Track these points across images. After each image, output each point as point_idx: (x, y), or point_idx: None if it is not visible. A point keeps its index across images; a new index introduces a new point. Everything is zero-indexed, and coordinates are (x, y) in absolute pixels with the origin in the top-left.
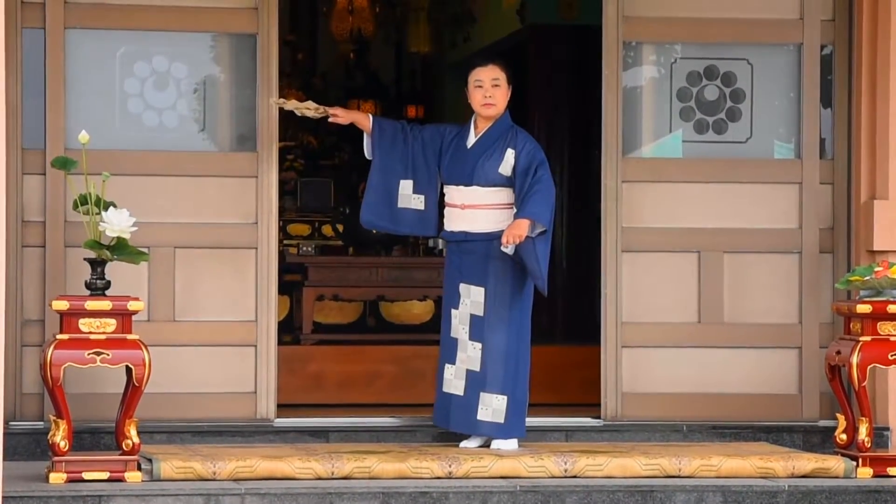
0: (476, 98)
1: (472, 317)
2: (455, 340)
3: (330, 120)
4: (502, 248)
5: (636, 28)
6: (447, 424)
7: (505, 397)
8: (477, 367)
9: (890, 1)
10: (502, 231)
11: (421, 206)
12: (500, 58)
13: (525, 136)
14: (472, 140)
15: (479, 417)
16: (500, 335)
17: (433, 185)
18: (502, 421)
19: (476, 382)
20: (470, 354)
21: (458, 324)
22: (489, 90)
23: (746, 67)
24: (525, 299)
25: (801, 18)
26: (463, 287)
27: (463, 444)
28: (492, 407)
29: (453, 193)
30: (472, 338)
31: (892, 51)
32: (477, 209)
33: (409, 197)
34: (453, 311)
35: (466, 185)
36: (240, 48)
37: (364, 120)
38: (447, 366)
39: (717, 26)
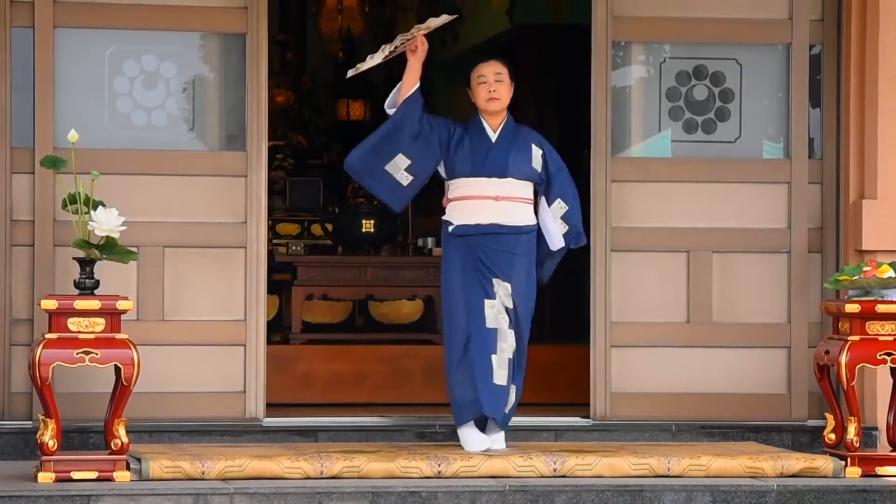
0: (480, 94)
1: (507, 308)
2: (494, 330)
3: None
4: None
5: (625, 28)
6: (497, 414)
7: (515, 388)
8: (513, 356)
9: (878, 0)
10: (528, 226)
11: (404, 183)
12: (500, 55)
13: (540, 136)
14: (493, 134)
15: (506, 409)
16: (523, 329)
17: (426, 173)
18: (509, 411)
19: (511, 373)
20: (510, 343)
21: (497, 314)
22: (493, 84)
23: (735, 67)
24: (534, 297)
25: (790, 18)
26: (496, 281)
27: (486, 445)
28: (512, 398)
29: (483, 186)
30: (510, 327)
31: (881, 50)
32: (510, 201)
33: (398, 169)
34: (488, 301)
35: (500, 177)
36: (229, 47)
37: (415, 81)
38: (493, 357)
39: (707, 26)
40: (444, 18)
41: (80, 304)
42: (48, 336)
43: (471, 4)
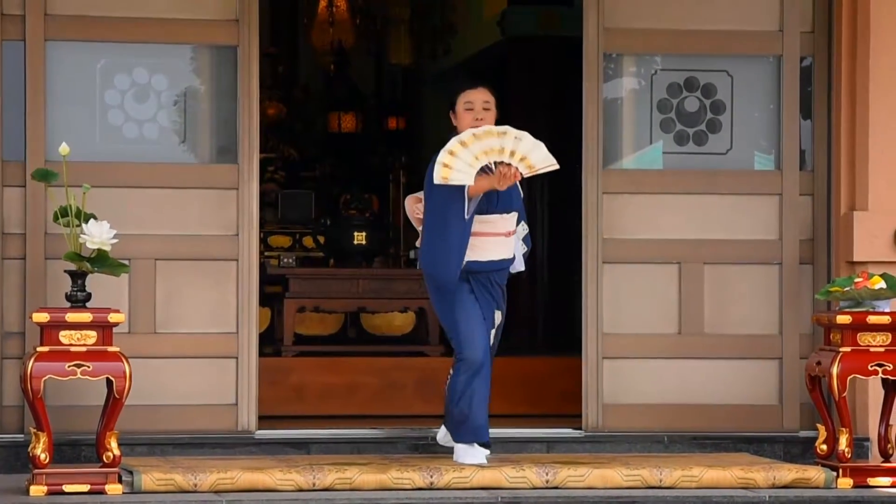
0: (465, 120)
1: (495, 336)
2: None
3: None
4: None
5: (616, 40)
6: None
7: None
8: None
9: (869, 13)
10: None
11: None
12: (487, 81)
13: None
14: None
15: None
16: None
17: None
18: None
19: None
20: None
21: (493, 341)
22: (480, 113)
23: (726, 79)
24: None
25: (781, 30)
26: (497, 312)
27: (483, 460)
28: None
29: (498, 223)
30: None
31: (872, 62)
32: (513, 236)
33: None
34: (492, 331)
35: (508, 212)
36: (220, 60)
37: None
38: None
39: (698, 38)
40: (549, 164)
41: (72, 316)
42: (40, 349)
43: (462, 17)
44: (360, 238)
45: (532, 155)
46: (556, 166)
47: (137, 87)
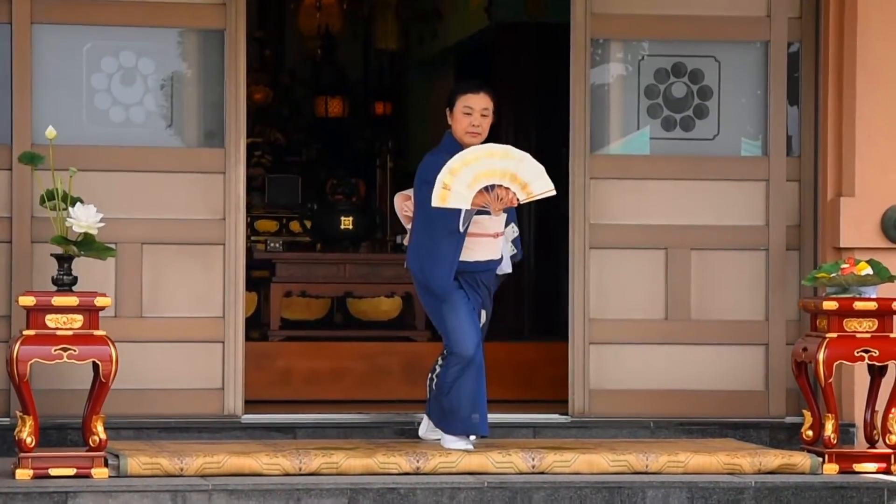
0: (462, 124)
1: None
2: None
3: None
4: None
5: (604, 25)
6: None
7: None
8: None
9: None
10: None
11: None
12: (488, 86)
13: None
14: None
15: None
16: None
17: None
18: None
19: None
20: None
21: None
22: (477, 119)
23: (714, 65)
24: None
25: (769, 16)
26: (483, 312)
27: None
28: None
29: (486, 224)
30: None
31: (859, 48)
32: (501, 237)
33: None
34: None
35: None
36: (207, 44)
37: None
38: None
39: (685, 23)
40: (546, 190)
41: (58, 300)
42: (26, 333)
43: (449, 2)
44: (346, 223)
45: (531, 181)
46: (553, 192)
47: (124, 70)
